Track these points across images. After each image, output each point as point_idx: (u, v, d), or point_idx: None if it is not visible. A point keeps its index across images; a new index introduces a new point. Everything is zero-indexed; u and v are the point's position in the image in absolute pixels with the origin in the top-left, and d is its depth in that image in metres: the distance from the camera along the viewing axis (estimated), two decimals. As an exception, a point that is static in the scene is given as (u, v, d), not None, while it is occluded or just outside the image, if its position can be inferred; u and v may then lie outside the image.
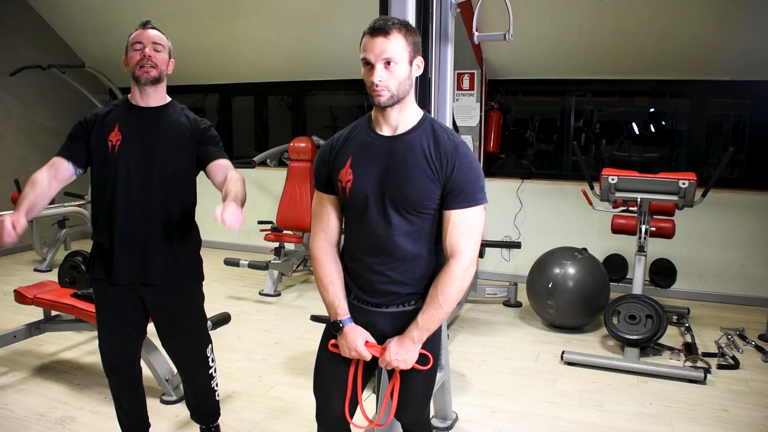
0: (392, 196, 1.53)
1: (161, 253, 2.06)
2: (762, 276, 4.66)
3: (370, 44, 1.48)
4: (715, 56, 4.47)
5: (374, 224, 1.57)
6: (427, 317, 1.56)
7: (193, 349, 2.24)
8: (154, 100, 2.08)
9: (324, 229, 1.67)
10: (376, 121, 1.60)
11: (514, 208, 5.27)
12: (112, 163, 2.00)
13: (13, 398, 2.95)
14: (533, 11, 4.42)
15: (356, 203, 1.58)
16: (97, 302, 2.15)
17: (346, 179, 1.58)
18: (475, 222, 1.55)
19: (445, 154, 1.52)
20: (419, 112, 1.61)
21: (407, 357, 1.58)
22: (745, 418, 2.84)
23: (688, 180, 3.59)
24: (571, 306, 3.89)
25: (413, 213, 1.54)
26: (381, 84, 1.49)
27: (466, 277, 1.55)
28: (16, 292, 3.36)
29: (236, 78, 6.26)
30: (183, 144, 2.07)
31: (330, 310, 1.65)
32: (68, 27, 6.30)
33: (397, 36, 1.48)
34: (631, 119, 5.59)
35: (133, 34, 2.04)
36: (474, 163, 1.56)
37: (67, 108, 6.51)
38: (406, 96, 1.55)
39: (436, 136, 1.55)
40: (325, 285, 1.65)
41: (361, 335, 1.61)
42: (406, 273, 1.59)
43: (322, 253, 1.66)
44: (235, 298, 4.75)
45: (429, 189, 1.52)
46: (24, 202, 1.90)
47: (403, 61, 1.50)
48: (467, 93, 5.11)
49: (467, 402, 2.99)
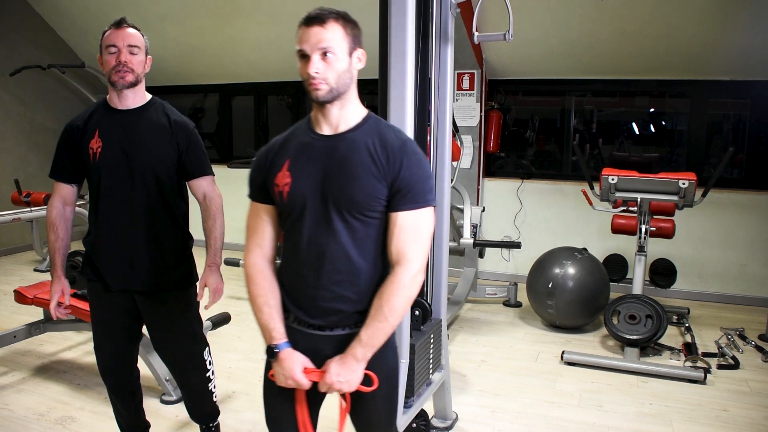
0: (335, 199, 1.40)
1: (149, 258, 2.03)
2: (762, 276, 4.66)
3: (306, 34, 1.38)
4: (715, 56, 4.47)
5: (315, 232, 1.43)
6: (371, 332, 1.40)
7: (188, 353, 2.21)
8: (133, 102, 2.02)
9: (259, 243, 1.52)
10: (316, 120, 1.48)
11: (514, 208, 5.27)
12: (94, 170, 1.98)
13: (13, 398, 2.95)
14: (533, 11, 4.42)
15: (295, 208, 1.44)
16: (91, 307, 2.13)
17: (283, 183, 1.44)
18: (424, 225, 1.42)
19: (392, 151, 1.41)
20: (363, 110, 1.49)
21: (350, 378, 1.41)
22: (745, 418, 2.84)
23: (688, 180, 3.60)
24: (571, 306, 3.89)
25: (358, 217, 1.41)
26: (318, 76, 1.37)
27: (414, 285, 1.41)
28: (16, 292, 3.36)
29: (236, 78, 6.26)
30: (164, 146, 2.02)
31: (264, 333, 1.49)
32: (68, 27, 6.30)
33: (334, 25, 1.38)
34: (631, 119, 5.59)
35: (106, 33, 1.96)
36: (423, 161, 1.45)
37: (67, 108, 6.51)
38: (346, 91, 1.43)
39: (381, 134, 1.44)
40: (259, 305, 1.49)
41: (298, 361, 1.45)
42: (351, 287, 1.44)
43: (256, 270, 1.50)
44: (235, 298, 4.75)
45: (375, 188, 1.39)
46: (57, 258, 2.04)
47: (342, 53, 1.39)
48: (467, 93, 5.11)
49: (467, 402, 2.99)
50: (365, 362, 1.43)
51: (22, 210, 4.60)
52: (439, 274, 2.58)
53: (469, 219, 4.19)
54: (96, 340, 2.15)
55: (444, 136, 2.54)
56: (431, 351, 2.43)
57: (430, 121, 2.47)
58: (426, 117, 2.41)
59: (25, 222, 5.04)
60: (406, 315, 2.10)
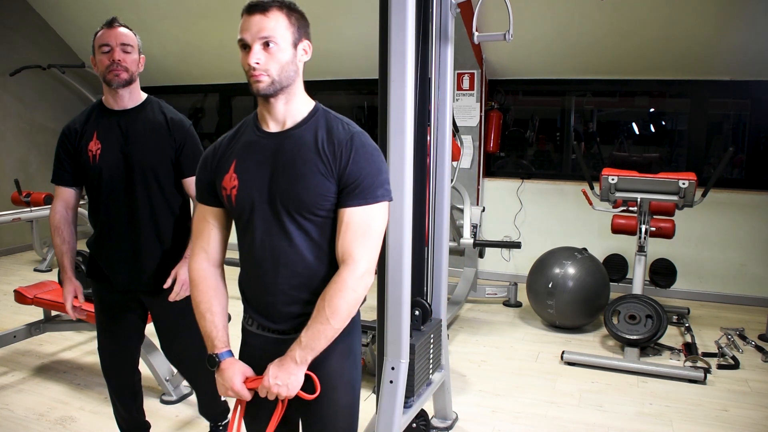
0: (283, 200, 1.34)
1: (153, 258, 2.05)
2: (762, 276, 4.65)
3: (247, 23, 1.32)
4: (715, 56, 4.46)
5: (267, 235, 1.36)
6: (311, 334, 1.32)
7: (196, 352, 2.21)
8: (129, 102, 2.03)
9: (204, 247, 1.46)
10: (262, 116, 1.40)
11: (514, 208, 5.27)
12: (94, 172, 1.99)
13: (13, 398, 2.95)
14: (533, 11, 4.42)
15: (244, 211, 1.38)
16: (96, 307, 2.15)
17: (230, 186, 1.38)
18: (374, 222, 1.33)
19: (339, 144, 1.33)
20: (310, 103, 1.42)
21: (289, 381, 1.33)
22: (745, 418, 2.84)
23: (688, 180, 3.60)
24: (571, 306, 3.89)
25: (309, 218, 1.34)
26: (259, 67, 1.30)
27: (360, 288, 1.32)
28: (16, 292, 3.36)
29: (236, 78, 6.18)
30: (163, 145, 2.02)
31: (207, 341, 1.43)
32: (68, 27, 6.30)
33: (276, 14, 1.31)
34: (631, 119, 5.59)
35: (98, 33, 1.97)
36: (375, 153, 1.36)
37: (67, 108, 6.51)
38: (291, 84, 1.35)
39: (329, 127, 1.36)
40: (202, 312, 1.43)
41: (239, 371, 1.40)
42: (309, 290, 1.38)
43: (200, 276, 1.45)
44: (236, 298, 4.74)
45: (322, 186, 1.32)
46: (65, 260, 2.04)
47: (285, 43, 1.32)
48: (467, 93, 5.11)
49: (467, 402, 2.99)
50: (305, 365, 1.35)
51: (22, 210, 4.60)
52: (439, 274, 2.58)
53: (469, 219, 4.19)
54: (100, 341, 2.16)
55: (444, 136, 2.54)
56: (431, 351, 2.43)
57: (430, 121, 2.47)
58: (426, 117, 2.41)
59: (25, 222, 5.03)
60: (408, 314, 2.11)
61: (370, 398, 2.81)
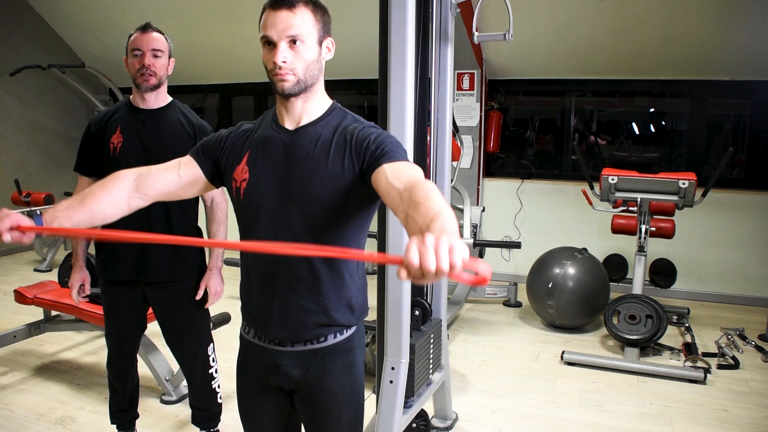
0: (297, 198, 1.28)
1: (165, 250, 2.13)
2: (762, 276, 4.65)
3: (272, 19, 1.24)
4: (714, 56, 4.46)
5: (273, 234, 1.29)
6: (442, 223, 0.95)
7: (195, 345, 2.31)
8: (155, 102, 2.14)
9: (146, 171, 1.36)
10: (279, 113, 1.36)
11: (514, 208, 5.27)
12: (114, 163, 2.05)
13: (13, 398, 2.95)
14: (533, 11, 4.42)
15: (251, 208, 1.33)
16: (104, 299, 2.26)
17: (241, 178, 1.33)
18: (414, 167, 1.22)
19: (353, 133, 1.28)
20: (327, 102, 1.37)
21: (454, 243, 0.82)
22: (745, 418, 2.84)
23: (688, 180, 3.60)
24: (571, 306, 3.89)
25: (319, 216, 1.29)
26: (285, 66, 1.24)
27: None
28: (16, 292, 3.36)
29: (236, 78, 6.26)
30: (182, 145, 2.07)
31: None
32: (68, 27, 6.30)
33: (303, 10, 1.24)
34: (631, 119, 5.59)
35: (132, 37, 2.07)
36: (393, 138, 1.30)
37: (67, 108, 6.51)
38: (314, 83, 1.30)
39: (345, 123, 1.32)
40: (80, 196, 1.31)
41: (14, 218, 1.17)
42: (312, 296, 1.32)
43: (108, 179, 1.35)
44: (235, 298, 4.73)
45: (336, 182, 1.27)
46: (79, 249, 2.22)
47: (312, 41, 1.26)
48: (467, 93, 5.11)
49: (467, 402, 2.99)
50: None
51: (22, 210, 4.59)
52: (439, 274, 2.58)
53: (469, 219, 4.19)
54: (108, 329, 2.29)
55: (444, 136, 2.54)
56: (431, 351, 2.43)
57: (430, 121, 2.48)
58: (426, 117, 2.41)
59: (25, 222, 5.03)
60: (408, 314, 2.11)
61: (370, 398, 2.81)
